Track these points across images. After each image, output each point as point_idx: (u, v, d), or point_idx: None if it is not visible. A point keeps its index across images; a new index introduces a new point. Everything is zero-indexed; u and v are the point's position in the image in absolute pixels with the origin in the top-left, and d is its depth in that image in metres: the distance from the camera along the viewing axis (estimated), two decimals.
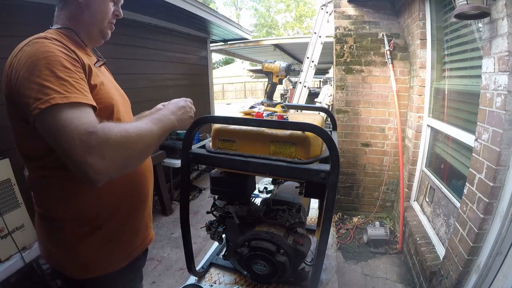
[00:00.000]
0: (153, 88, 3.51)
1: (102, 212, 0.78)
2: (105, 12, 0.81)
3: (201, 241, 2.66)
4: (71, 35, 0.78)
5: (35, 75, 0.60)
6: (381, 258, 2.42)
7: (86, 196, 0.75)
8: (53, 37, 0.70)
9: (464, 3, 1.29)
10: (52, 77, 0.61)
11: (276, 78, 1.16)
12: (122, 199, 0.82)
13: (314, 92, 5.76)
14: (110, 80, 0.91)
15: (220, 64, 25.35)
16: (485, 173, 1.33)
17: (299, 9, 24.54)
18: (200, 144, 0.99)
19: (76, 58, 0.69)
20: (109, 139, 0.60)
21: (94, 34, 0.83)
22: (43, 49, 0.64)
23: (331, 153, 0.74)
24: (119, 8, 0.86)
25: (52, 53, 0.64)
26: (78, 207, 0.75)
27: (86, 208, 0.76)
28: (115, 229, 0.81)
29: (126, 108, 0.92)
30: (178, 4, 2.94)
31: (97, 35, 0.84)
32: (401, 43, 2.62)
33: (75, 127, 0.58)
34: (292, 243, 0.96)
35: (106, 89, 0.78)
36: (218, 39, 5.24)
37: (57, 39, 0.69)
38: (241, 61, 16.65)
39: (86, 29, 0.81)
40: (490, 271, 1.33)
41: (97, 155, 0.58)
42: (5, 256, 1.54)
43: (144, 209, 0.92)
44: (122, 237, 0.83)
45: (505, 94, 1.21)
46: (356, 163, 2.94)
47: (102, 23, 0.82)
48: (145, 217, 0.93)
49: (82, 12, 0.78)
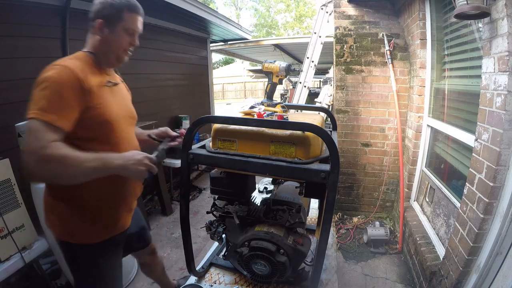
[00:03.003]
0: (153, 88, 3.51)
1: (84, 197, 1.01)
2: (119, 44, 1.01)
3: (201, 241, 2.66)
4: (93, 58, 1.01)
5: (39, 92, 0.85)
6: (381, 258, 2.42)
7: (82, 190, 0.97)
8: (76, 61, 0.93)
9: (464, 3, 1.29)
10: (46, 99, 0.84)
11: (276, 78, 1.16)
12: (102, 193, 1.02)
13: (314, 92, 5.76)
14: (118, 99, 1.09)
15: (220, 64, 25.35)
16: (485, 173, 1.33)
17: (299, 9, 24.52)
18: (200, 144, 0.99)
19: (79, 85, 0.89)
20: (49, 155, 0.80)
21: (111, 59, 1.04)
22: (54, 79, 0.86)
23: (331, 153, 0.74)
24: (135, 38, 1.05)
25: (58, 83, 0.86)
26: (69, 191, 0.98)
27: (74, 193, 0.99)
28: (95, 212, 1.04)
29: (127, 123, 1.10)
30: (178, 4, 2.94)
31: (113, 60, 1.05)
32: (401, 43, 2.62)
33: (37, 137, 0.81)
34: (292, 243, 0.96)
35: (104, 108, 0.97)
36: (218, 39, 5.24)
37: (78, 63, 0.93)
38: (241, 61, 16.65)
39: (105, 55, 1.02)
40: (490, 271, 1.33)
41: (35, 162, 0.79)
42: (5, 256, 1.54)
43: (125, 205, 1.13)
44: (102, 220, 1.06)
45: (505, 94, 1.21)
46: (356, 163, 2.94)
47: (117, 52, 1.02)
48: (125, 210, 1.14)
49: (103, 43, 1.00)
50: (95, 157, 0.86)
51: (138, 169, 0.91)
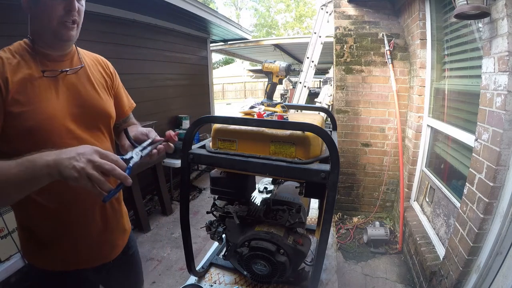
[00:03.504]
0: (153, 88, 3.51)
1: (33, 223, 0.85)
2: (49, 14, 0.76)
3: (201, 241, 2.66)
4: (29, 44, 0.80)
5: None
6: (381, 258, 2.42)
7: (22, 209, 0.84)
8: (2, 53, 0.76)
9: (464, 3, 1.29)
10: None
11: (276, 78, 1.16)
12: (47, 212, 0.83)
13: (314, 92, 5.76)
14: (70, 92, 0.85)
15: (220, 64, 25.35)
16: (485, 173, 1.33)
17: (299, 9, 24.53)
18: (200, 144, 0.99)
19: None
20: None
21: (47, 38, 0.80)
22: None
23: (331, 153, 0.74)
24: (71, 2, 0.77)
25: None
26: (18, 216, 0.87)
27: (22, 218, 0.87)
28: (49, 239, 0.87)
29: (85, 127, 0.86)
30: (178, 4, 2.94)
31: (50, 38, 0.80)
32: (401, 43, 2.62)
33: None
34: (292, 243, 0.96)
35: (32, 110, 0.75)
36: (218, 39, 5.24)
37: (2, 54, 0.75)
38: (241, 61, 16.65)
39: (40, 35, 0.80)
40: (490, 271, 1.33)
41: None
42: (5, 256, 1.54)
43: (85, 232, 0.90)
44: (59, 247, 0.88)
45: (505, 94, 1.21)
46: (356, 163, 2.94)
47: (51, 25, 0.77)
48: (89, 240, 0.91)
49: (33, 21, 0.80)
50: (20, 161, 0.62)
51: (80, 168, 0.58)
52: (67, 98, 0.83)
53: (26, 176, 0.61)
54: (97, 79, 0.94)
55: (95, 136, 0.90)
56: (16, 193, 0.64)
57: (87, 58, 0.95)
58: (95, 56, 1.01)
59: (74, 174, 0.59)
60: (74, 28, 0.81)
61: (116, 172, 0.61)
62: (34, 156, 0.62)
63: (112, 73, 1.02)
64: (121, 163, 0.64)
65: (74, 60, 0.89)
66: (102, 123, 0.93)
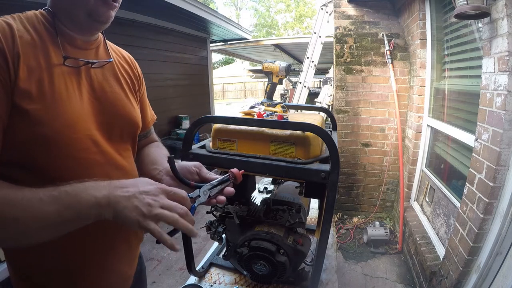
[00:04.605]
0: (153, 88, 3.51)
1: (27, 264, 0.64)
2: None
3: (201, 241, 2.66)
4: (49, 19, 0.59)
5: None
6: (381, 258, 2.42)
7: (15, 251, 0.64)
8: (12, 21, 0.55)
9: (464, 3, 1.29)
10: None
11: (276, 78, 1.16)
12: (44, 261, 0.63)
13: (314, 92, 5.77)
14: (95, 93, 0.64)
15: (220, 64, 25.36)
16: (485, 173, 1.33)
17: (299, 9, 24.54)
18: (200, 144, 0.99)
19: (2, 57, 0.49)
20: None
21: (78, 15, 0.59)
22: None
23: (331, 153, 0.74)
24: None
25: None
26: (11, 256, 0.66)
27: (15, 259, 0.66)
28: (44, 282, 0.66)
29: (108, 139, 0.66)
30: (178, 4, 2.94)
31: (82, 16, 0.59)
32: (401, 43, 2.62)
33: None
34: (292, 243, 0.96)
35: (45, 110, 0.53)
36: (218, 39, 5.24)
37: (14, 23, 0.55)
38: (241, 61, 16.66)
39: (67, 10, 0.59)
40: (490, 271, 1.33)
41: None
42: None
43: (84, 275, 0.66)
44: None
45: (505, 94, 1.21)
46: (356, 163, 2.94)
47: (89, 2, 0.58)
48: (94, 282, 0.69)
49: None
50: (56, 194, 0.47)
51: (148, 212, 0.47)
52: (90, 98, 0.63)
53: (68, 216, 0.47)
54: (125, 79, 0.75)
55: (121, 150, 0.70)
56: (48, 235, 0.48)
57: (113, 53, 0.75)
58: (122, 51, 0.80)
59: (136, 217, 0.46)
60: (116, 8, 0.63)
61: (188, 219, 0.49)
62: (74, 189, 0.48)
63: (139, 75, 0.83)
64: (188, 204, 0.53)
65: (100, 52, 0.70)
66: (129, 135, 0.73)
